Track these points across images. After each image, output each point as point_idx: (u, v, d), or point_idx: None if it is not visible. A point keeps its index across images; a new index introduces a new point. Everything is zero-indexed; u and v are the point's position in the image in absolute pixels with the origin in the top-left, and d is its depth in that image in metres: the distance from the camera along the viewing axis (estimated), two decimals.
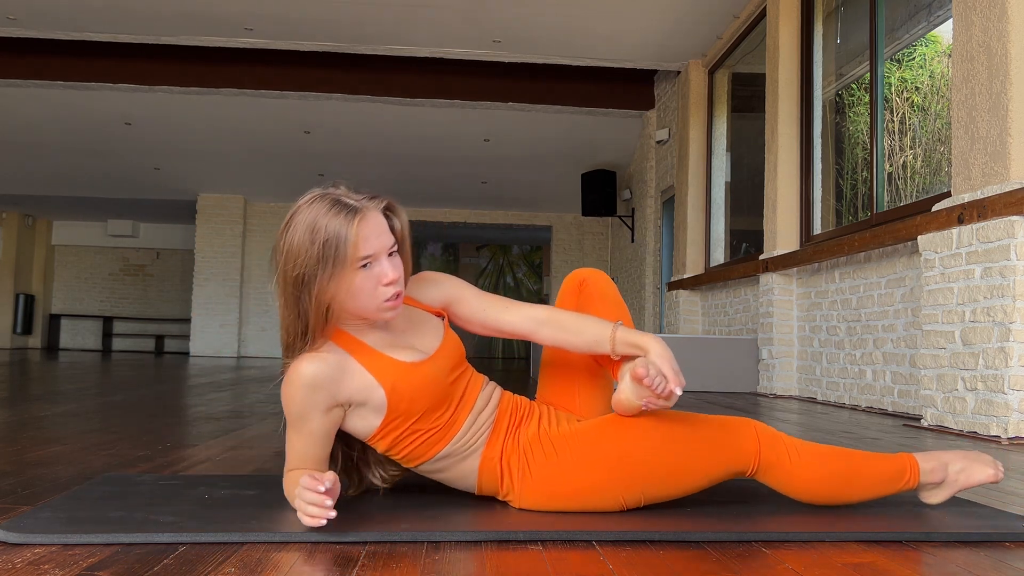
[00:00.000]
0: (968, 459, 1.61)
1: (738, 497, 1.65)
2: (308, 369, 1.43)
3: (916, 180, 4.80)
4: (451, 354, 1.58)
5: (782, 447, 1.52)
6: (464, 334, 1.73)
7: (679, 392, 1.45)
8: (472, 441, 1.55)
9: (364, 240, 1.42)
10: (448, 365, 1.56)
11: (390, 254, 1.46)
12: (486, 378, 1.66)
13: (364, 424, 1.50)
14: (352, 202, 1.44)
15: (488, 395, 1.61)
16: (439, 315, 1.64)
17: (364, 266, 1.43)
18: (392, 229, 1.50)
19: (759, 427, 1.54)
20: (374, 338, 1.53)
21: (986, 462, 1.61)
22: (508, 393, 1.66)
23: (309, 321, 1.45)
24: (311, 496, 1.30)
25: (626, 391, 1.50)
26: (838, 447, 1.59)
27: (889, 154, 4.81)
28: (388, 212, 1.50)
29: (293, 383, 1.44)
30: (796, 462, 1.52)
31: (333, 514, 1.30)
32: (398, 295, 1.46)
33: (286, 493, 1.48)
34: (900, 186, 4.85)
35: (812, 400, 5.18)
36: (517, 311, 1.63)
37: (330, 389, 1.45)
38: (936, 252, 3.64)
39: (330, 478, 1.32)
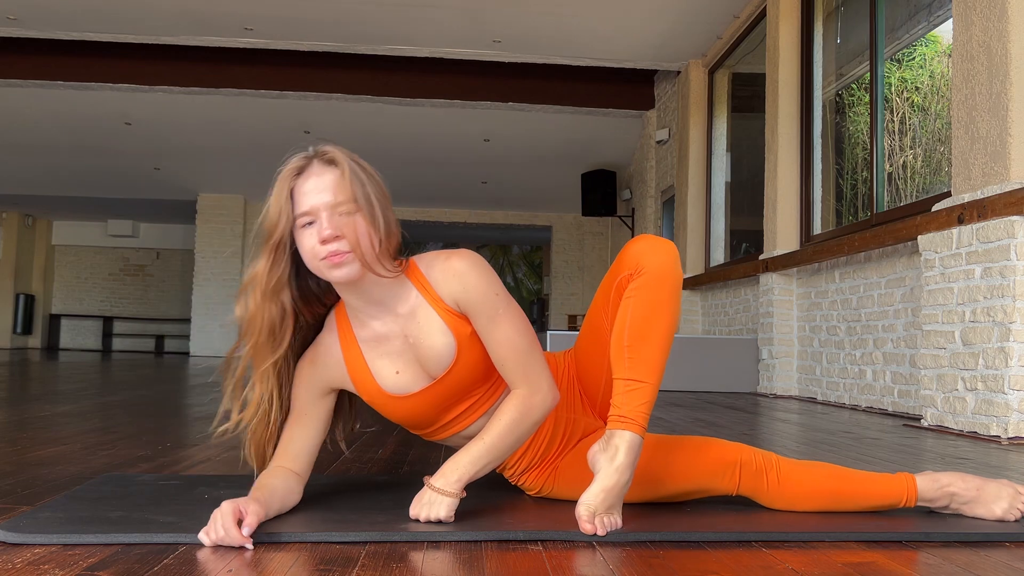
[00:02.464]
0: (987, 493, 1.52)
1: (738, 497, 1.65)
2: (309, 351, 1.52)
3: (916, 180, 4.80)
4: (456, 384, 1.48)
5: (763, 484, 1.51)
6: None
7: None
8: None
9: (302, 195, 1.38)
10: (439, 399, 1.49)
11: (341, 213, 1.37)
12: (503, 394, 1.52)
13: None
14: (300, 162, 1.41)
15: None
16: (462, 317, 1.46)
17: (307, 224, 1.39)
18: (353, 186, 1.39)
19: (744, 465, 1.51)
20: (367, 335, 1.48)
21: (996, 500, 1.52)
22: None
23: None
24: (231, 536, 1.25)
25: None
26: (834, 469, 1.55)
27: (889, 154, 4.80)
28: (342, 165, 1.39)
29: (302, 359, 1.53)
30: (776, 492, 1.52)
31: (249, 548, 1.25)
32: (337, 254, 1.36)
33: (256, 482, 1.43)
34: (900, 186, 4.85)
35: (812, 400, 5.17)
36: (511, 372, 1.46)
37: (323, 373, 1.50)
38: (936, 252, 3.64)
39: (251, 523, 1.27)
